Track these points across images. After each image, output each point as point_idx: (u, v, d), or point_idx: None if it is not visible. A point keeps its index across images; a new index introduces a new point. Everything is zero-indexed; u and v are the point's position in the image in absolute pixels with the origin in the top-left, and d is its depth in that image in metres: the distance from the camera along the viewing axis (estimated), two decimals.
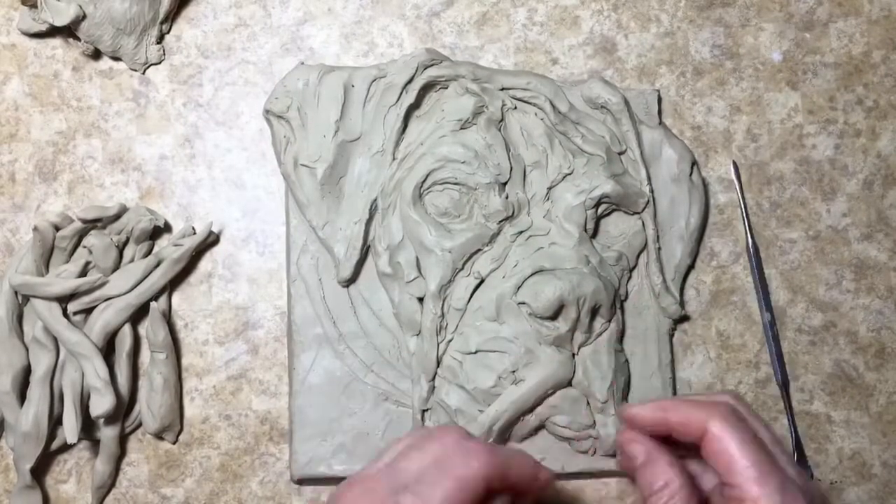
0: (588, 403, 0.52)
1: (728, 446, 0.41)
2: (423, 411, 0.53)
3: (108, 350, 0.55)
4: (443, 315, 0.53)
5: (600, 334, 0.53)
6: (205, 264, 0.57)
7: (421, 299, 0.53)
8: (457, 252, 0.52)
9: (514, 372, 0.51)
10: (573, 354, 0.52)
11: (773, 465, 0.41)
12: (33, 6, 0.57)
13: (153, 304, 0.54)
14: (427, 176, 0.53)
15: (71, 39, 0.58)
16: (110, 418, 0.54)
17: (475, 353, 0.52)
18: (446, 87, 0.55)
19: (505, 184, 0.53)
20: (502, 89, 0.54)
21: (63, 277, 0.54)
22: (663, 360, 0.55)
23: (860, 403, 0.57)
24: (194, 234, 0.56)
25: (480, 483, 0.42)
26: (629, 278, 0.55)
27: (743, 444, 0.41)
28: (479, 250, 0.53)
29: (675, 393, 0.55)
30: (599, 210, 0.54)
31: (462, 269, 0.53)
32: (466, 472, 0.42)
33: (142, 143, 0.58)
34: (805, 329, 0.57)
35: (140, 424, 0.56)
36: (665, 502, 0.42)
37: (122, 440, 0.56)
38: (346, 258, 0.54)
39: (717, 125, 0.58)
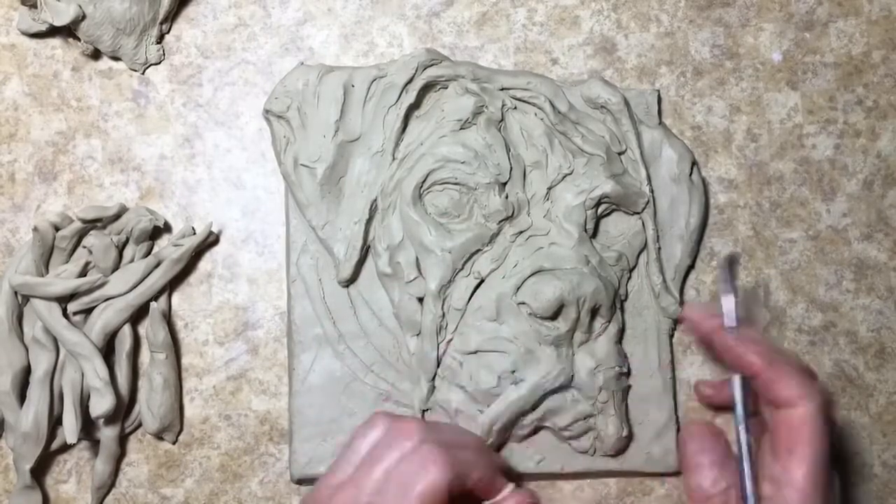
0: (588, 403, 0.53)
1: (807, 433, 0.43)
2: (423, 411, 0.53)
3: (108, 350, 0.55)
4: (443, 315, 0.53)
5: (600, 334, 0.53)
6: (204, 264, 0.57)
7: (421, 299, 0.53)
8: (457, 252, 0.52)
9: (514, 372, 0.51)
10: (573, 354, 0.52)
11: (826, 477, 0.43)
12: (33, 6, 0.57)
13: (153, 305, 0.54)
14: (427, 176, 0.53)
15: (71, 39, 0.58)
16: (110, 418, 0.54)
17: (475, 353, 0.52)
18: (446, 87, 0.55)
19: (505, 184, 0.53)
20: (502, 89, 0.54)
21: (63, 277, 0.54)
22: (663, 360, 0.55)
23: (860, 403, 0.57)
24: (194, 234, 0.56)
25: (442, 492, 0.44)
26: (629, 278, 0.55)
27: (817, 441, 0.43)
28: (479, 250, 0.53)
29: (674, 394, 0.55)
30: (599, 210, 0.54)
31: (462, 269, 0.53)
32: (426, 485, 0.44)
33: (141, 143, 0.58)
34: (805, 329, 0.57)
35: (140, 424, 0.56)
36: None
37: (122, 440, 0.56)
38: (345, 258, 0.54)
39: (717, 125, 0.58)
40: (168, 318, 0.56)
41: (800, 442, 0.43)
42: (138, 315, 0.56)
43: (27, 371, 0.54)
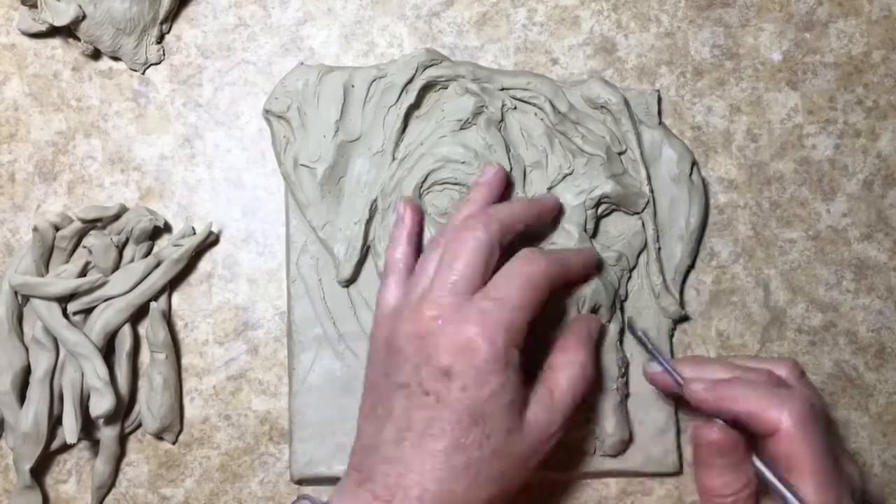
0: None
1: (799, 450, 0.42)
2: None
3: (108, 350, 0.55)
4: None
5: None
6: (204, 264, 0.57)
7: None
8: None
9: None
10: None
11: (836, 476, 0.42)
12: (33, 6, 0.57)
13: (153, 304, 0.54)
14: (427, 176, 0.53)
15: (71, 39, 0.58)
16: (110, 418, 0.54)
17: None
18: (446, 87, 0.55)
19: None
20: (502, 89, 0.54)
21: (63, 277, 0.54)
22: None
23: (860, 403, 0.57)
24: (194, 234, 0.56)
25: (546, 281, 0.46)
26: (629, 278, 0.55)
27: (814, 450, 0.42)
28: None
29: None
30: (599, 210, 0.54)
31: None
32: (533, 269, 0.46)
33: (142, 143, 0.58)
34: (805, 329, 0.57)
35: (140, 424, 0.56)
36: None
37: (122, 440, 0.56)
38: (345, 258, 0.54)
39: (717, 125, 0.58)
40: (168, 318, 0.56)
41: (796, 462, 0.42)
42: (138, 315, 0.56)
43: (27, 371, 0.54)
